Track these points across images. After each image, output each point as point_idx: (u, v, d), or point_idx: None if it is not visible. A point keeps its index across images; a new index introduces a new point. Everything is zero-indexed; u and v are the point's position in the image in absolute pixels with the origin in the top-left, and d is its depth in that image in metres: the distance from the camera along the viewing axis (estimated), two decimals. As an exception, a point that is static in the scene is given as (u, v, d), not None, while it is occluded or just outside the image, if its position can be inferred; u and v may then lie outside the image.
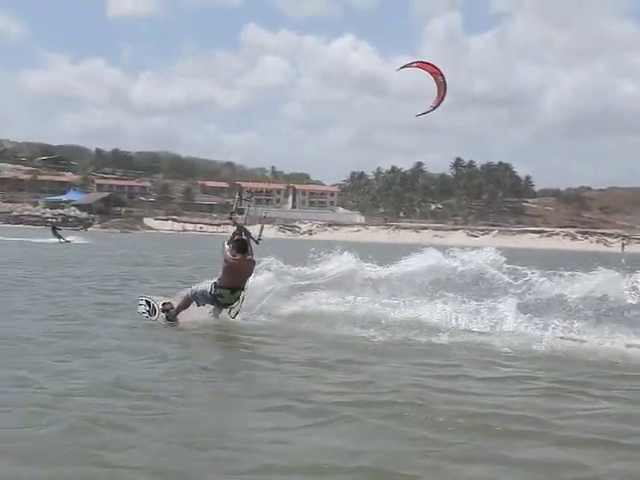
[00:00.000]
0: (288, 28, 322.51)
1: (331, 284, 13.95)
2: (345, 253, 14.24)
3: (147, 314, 12.62)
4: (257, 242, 12.90)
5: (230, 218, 13.54)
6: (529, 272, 12.81)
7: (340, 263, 14.12)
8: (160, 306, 12.56)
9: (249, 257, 12.37)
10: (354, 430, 6.42)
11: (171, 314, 12.41)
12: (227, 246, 12.35)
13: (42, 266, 26.28)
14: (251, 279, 12.67)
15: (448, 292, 13.14)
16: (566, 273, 12.75)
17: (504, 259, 13.24)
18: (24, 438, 6.01)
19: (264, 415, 6.92)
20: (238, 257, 12.17)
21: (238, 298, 12.25)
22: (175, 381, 8.22)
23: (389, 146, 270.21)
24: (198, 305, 12.55)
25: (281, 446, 6.03)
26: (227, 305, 12.35)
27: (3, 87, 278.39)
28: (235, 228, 12.88)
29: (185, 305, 12.51)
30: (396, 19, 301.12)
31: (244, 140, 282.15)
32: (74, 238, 53.59)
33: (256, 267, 12.83)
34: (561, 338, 11.40)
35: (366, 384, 8.20)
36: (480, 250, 13.64)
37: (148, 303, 12.74)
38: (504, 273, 13.00)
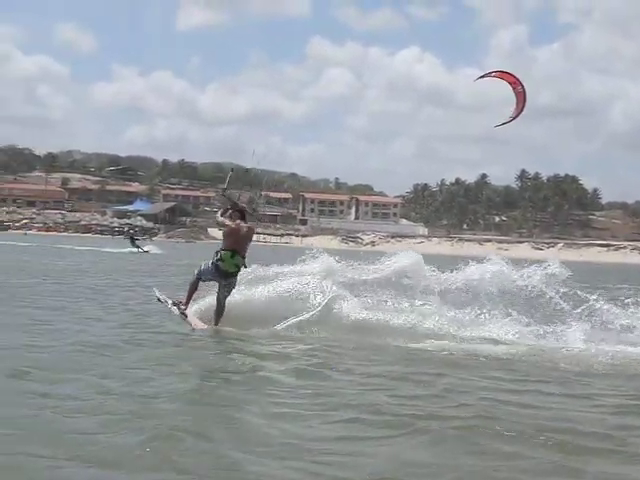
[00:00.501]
0: (353, 40, 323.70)
1: (393, 285, 13.94)
2: (408, 250, 14.50)
3: (162, 302, 13.39)
4: (252, 214, 13.57)
5: (223, 194, 14.54)
6: (591, 298, 12.48)
7: (400, 257, 14.25)
8: (170, 302, 13.28)
9: (248, 224, 13.09)
10: (428, 443, 6.44)
11: (181, 308, 13.02)
12: (221, 218, 13.16)
13: (114, 275, 26.84)
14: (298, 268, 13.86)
15: (512, 308, 12.94)
16: (629, 300, 12.43)
17: (568, 273, 12.92)
18: (103, 444, 6.11)
19: (336, 427, 6.95)
20: (238, 222, 12.84)
21: (237, 266, 12.79)
22: (247, 390, 8.34)
23: (453, 158, 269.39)
24: (204, 281, 13.17)
25: (353, 458, 6.06)
26: (227, 275, 12.79)
27: (74, 99, 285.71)
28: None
29: (193, 287, 13.15)
30: (462, 31, 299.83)
31: (309, 151, 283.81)
32: (151, 248, 54.65)
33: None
34: (631, 355, 11.25)
35: (438, 397, 8.21)
36: (541, 265, 13.17)
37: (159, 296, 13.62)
38: (562, 297, 12.54)
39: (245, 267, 13.01)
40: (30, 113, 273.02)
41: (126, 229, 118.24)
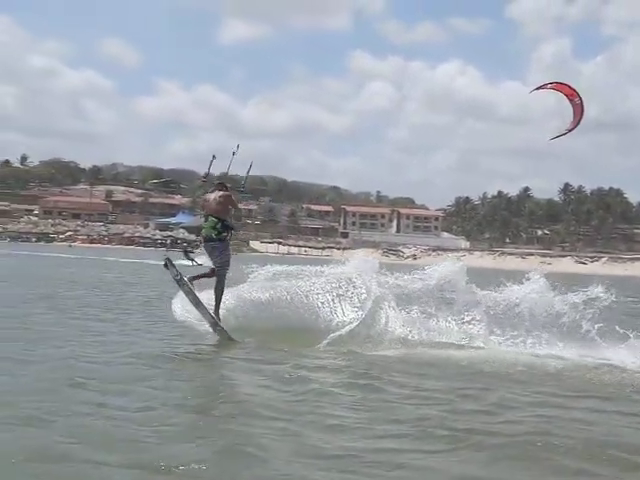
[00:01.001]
0: (395, 54, 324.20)
1: (434, 298, 13.85)
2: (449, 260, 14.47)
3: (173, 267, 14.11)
4: (241, 191, 14.95)
5: (204, 180, 15.41)
6: (631, 335, 12.14)
7: (443, 264, 14.19)
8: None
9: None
10: (482, 459, 6.43)
11: (191, 278, 14.04)
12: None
13: (161, 287, 27.02)
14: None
15: (556, 331, 12.70)
16: None
17: (612, 298, 12.45)
18: (160, 454, 6.20)
19: (386, 440, 6.97)
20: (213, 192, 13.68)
21: (215, 228, 13.87)
22: (298, 402, 8.37)
23: (495, 171, 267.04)
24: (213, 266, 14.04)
25: (404, 472, 6.09)
26: (206, 239, 14.09)
27: (118, 113, 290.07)
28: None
29: (208, 272, 14.24)
30: (504, 44, 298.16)
31: (350, 164, 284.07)
32: (205, 260, 55.37)
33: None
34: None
35: (489, 412, 8.19)
36: (580, 291, 12.69)
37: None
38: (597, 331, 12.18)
39: (232, 229, 14.09)
40: (75, 127, 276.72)
41: (169, 241, 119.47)
